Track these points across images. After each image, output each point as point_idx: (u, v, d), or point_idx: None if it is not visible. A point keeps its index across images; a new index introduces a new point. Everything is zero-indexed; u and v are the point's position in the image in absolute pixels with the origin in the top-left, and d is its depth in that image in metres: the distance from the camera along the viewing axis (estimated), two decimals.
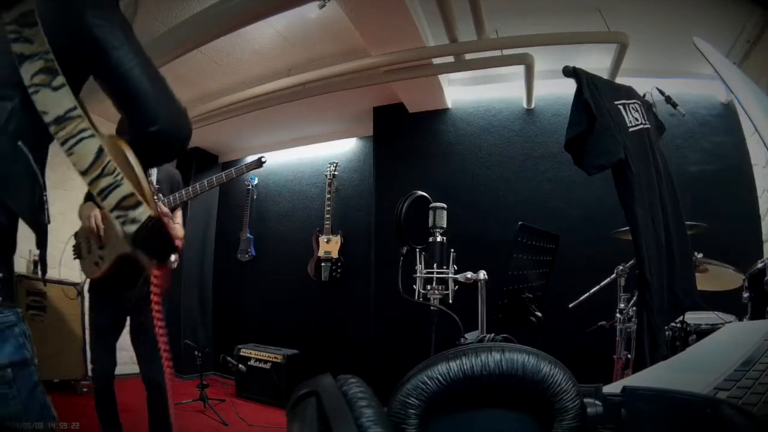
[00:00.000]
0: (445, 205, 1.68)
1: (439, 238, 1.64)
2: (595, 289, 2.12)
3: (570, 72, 1.42)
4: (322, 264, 3.61)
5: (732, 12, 2.24)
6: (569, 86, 1.45)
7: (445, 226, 1.66)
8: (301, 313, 3.83)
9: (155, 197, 1.89)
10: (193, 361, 3.25)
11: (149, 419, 1.90)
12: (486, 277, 1.52)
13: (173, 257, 0.79)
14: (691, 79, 2.66)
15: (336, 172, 3.78)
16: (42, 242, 0.74)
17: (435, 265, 1.61)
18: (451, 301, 1.58)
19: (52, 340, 2.78)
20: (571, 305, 2.15)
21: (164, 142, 0.78)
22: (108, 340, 1.91)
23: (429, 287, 1.60)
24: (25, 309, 2.81)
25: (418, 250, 1.65)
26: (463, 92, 3.22)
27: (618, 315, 1.98)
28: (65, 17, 0.72)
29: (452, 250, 1.64)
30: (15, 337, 0.67)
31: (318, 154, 4.05)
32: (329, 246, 3.63)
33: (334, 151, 3.96)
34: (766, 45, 2.18)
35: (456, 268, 1.61)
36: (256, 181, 4.21)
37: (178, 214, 2.08)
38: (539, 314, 1.65)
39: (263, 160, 1.95)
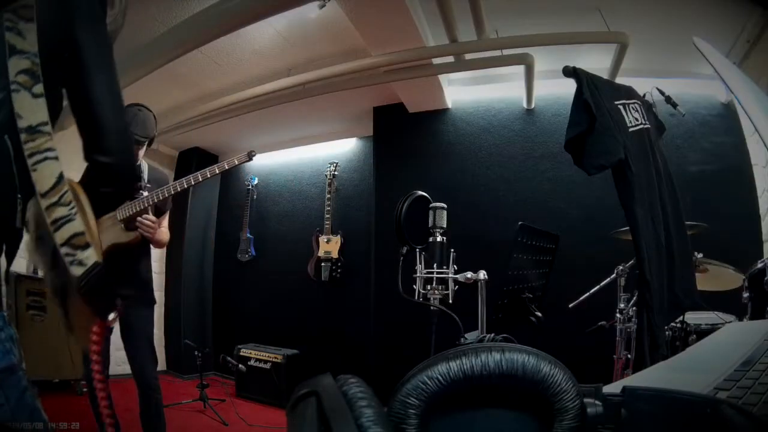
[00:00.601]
0: (445, 205, 1.68)
1: (439, 238, 1.64)
2: (595, 289, 2.12)
3: (570, 72, 1.42)
4: (322, 264, 3.61)
5: (732, 12, 2.24)
6: (569, 86, 1.45)
7: (445, 226, 1.65)
8: (301, 313, 3.83)
9: (143, 194, 1.88)
10: (193, 361, 3.25)
11: (141, 417, 1.93)
12: (486, 277, 1.52)
13: (112, 315, 0.77)
14: (691, 79, 2.66)
15: (336, 172, 3.78)
16: (9, 249, 0.71)
17: (435, 265, 1.61)
18: (451, 301, 1.58)
19: (53, 340, 2.77)
20: (571, 305, 2.15)
21: (110, 175, 0.79)
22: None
23: (429, 287, 1.60)
24: (25, 309, 2.81)
25: (418, 250, 1.65)
26: (463, 92, 3.22)
27: (618, 315, 1.98)
28: (58, 22, 0.72)
29: (452, 250, 1.64)
30: (1, 342, 0.65)
31: (318, 154, 4.05)
32: (329, 246, 3.63)
33: (334, 151, 3.96)
34: (766, 45, 2.18)
35: (456, 268, 1.61)
36: (256, 181, 4.21)
37: (165, 217, 2.08)
38: (539, 314, 1.65)
39: (253, 153, 1.93)
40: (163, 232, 2.02)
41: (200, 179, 1.86)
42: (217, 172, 1.89)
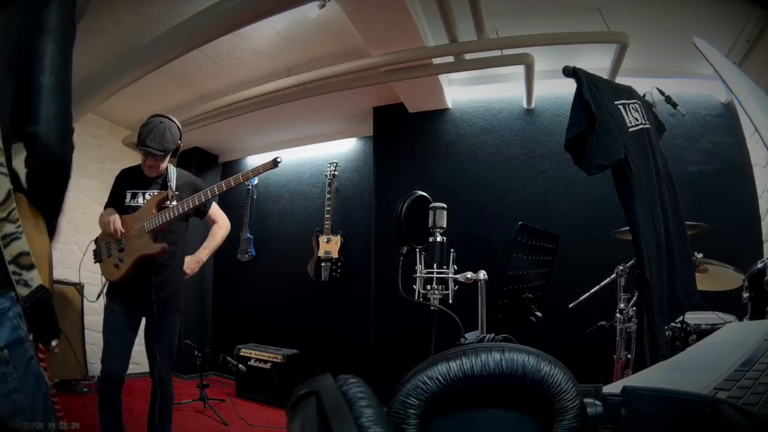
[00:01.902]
0: (445, 205, 1.67)
1: (439, 238, 1.64)
2: (595, 289, 2.13)
3: (570, 72, 1.42)
4: (322, 264, 3.61)
5: (732, 12, 2.24)
6: (569, 86, 1.45)
7: (445, 226, 1.65)
8: (301, 313, 3.82)
9: (172, 201, 1.89)
10: (193, 361, 3.25)
11: (149, 413, 1.95)
12: (486, 277, 1.52)
13: (54, 342, 0.79)
14: (691, 79, 2.66)
15: (336, 172, 3.78)
16: None
17: (435, 265, 1.61)
18: (451, 301, 1.58)
19: None
20: (571, 305, 2.15)
21: (38, 147, 0.75)
22: (124, 342, 1.91)
23: (429, 287, 1.60)
24: None
25: (418, 250, 1.65)
26: (463, 92, 3.22)
27: (618, 315, 1.98)
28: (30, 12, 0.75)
29: (452, 250, 1.64)
30: (9, 320, 0.70)
31: (318, 154, 4.05)
32: (329, 246, 3.63)
33: (334, 151, 3.96)
34: (766, 45, 2.18)
35: (456, 268, 1.61)
36: (256, 181, 4.21)
37: (214, 208, 2.15)
38: (539, 314, 1.65)
39: (279, 160, 1.91)
40: (219, 223, 2.16)
41: (224, 188, 1.88)
42: (242, 180, 1.92)
